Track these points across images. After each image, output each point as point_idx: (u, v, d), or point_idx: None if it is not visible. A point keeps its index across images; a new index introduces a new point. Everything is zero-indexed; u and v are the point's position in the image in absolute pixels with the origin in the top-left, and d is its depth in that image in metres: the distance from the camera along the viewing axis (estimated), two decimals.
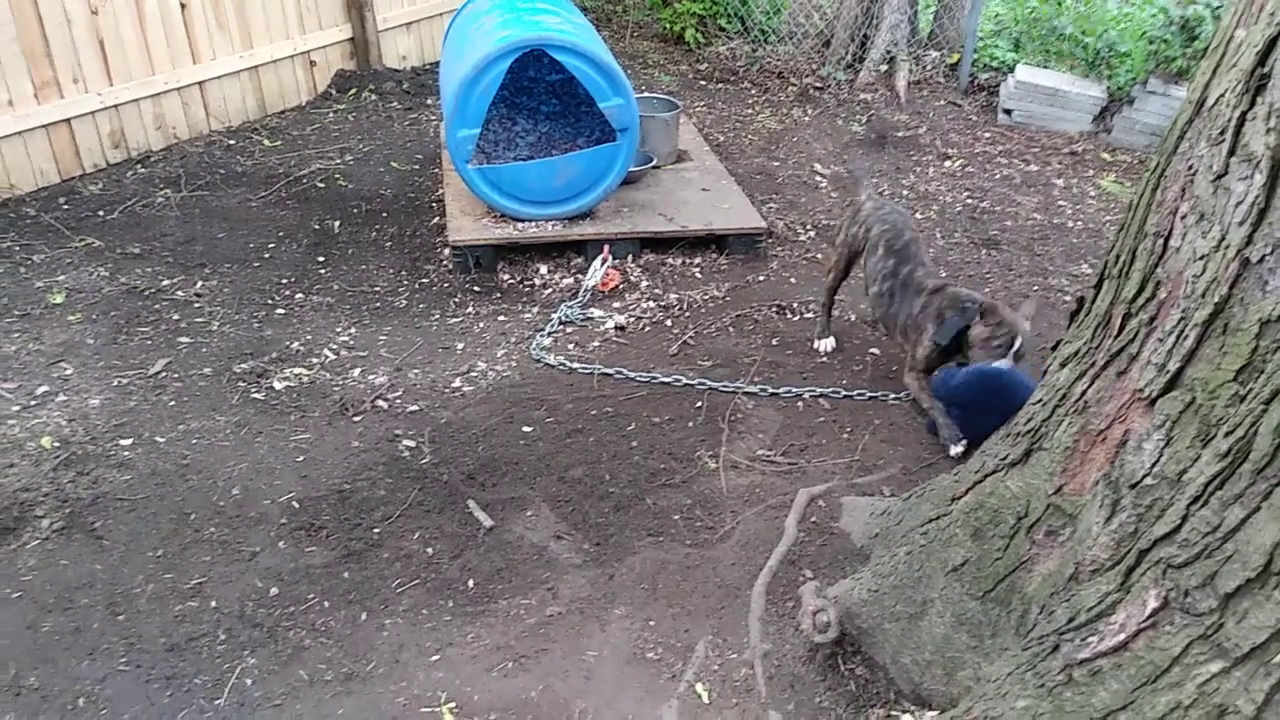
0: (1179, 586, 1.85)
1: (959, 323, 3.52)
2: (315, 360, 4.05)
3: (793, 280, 4.84)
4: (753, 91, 7.44)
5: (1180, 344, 1.93)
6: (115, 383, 3.82)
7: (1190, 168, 1.97)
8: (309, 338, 4.20)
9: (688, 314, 4.51)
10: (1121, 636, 1.94)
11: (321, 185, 5.54)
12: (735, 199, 5.21)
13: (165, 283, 4.52)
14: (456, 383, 3.95)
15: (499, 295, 4.65)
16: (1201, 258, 1.91)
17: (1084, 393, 2.21)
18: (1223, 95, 1.89)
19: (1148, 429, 1.99)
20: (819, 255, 5.10)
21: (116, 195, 5.27)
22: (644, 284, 4.74)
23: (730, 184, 5.39)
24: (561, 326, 4.37)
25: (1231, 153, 1.84)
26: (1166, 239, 2.03)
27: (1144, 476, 1.99)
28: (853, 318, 4.34)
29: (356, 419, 3.70)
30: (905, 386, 3.80)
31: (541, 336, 4.26)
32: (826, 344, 4.24)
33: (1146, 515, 1.97)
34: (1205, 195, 1.91)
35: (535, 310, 4.52)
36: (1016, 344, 3.40)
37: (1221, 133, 1.87)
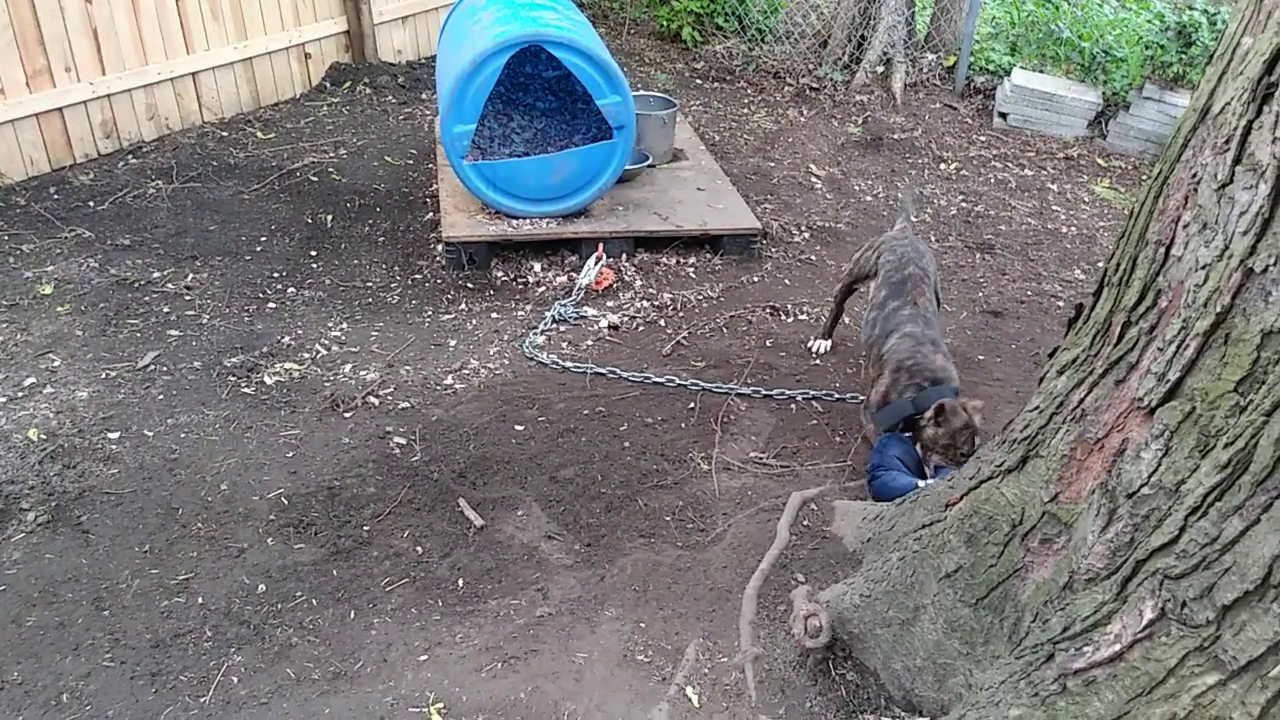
0: (1176, 598, 1.84)
1: (906, 411, 3.32)
2: (306, 355, 4.01)
3: (787, 282, 4.83)
4: (749, 91, 7.42)
5: (1181, 353, 1.92)
6: (103, 375, 3.78)
7: (1194, 176, 1.96)
8: (300, 332, 4.17)
9: (681, 314, 4.49)
10: (1117, 647, 1.93)
11: (315, 179, 5.50)
12: (730, 199, 5.19)
13: (155, 275, 4.48)
14: (448, 380, 3.92)
15: (492, 292, 4.62)
16: (1204, 267, 1.89)
17: (1082, 400, 2.20)
18: (1228, 103, 1.87)
19: (1146, 438, 1.98)
20: (813, 257, 5.08)
21: (107, 186, 5.22)
22: (638, 283, 4.72)
23: (725, 184, 5.37)
24: (555, 325, 4.35)
25: (1237, 161, 1.83)
26: (1168, 247, 2.01)
27: (1141, 486, 1.97)
28: (848, 321, 4.33)
29: (347, 415, 3.67)
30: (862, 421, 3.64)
31: (534, 335, 4.23)
32: (821, 345, 4.24)
33: (1144, 525, 1.96)
34: (1209, 204, 1.90)
35: (529, 308, 4.49)
36: (976, 446, 3.14)
37: (1227, 141, 1.85)
